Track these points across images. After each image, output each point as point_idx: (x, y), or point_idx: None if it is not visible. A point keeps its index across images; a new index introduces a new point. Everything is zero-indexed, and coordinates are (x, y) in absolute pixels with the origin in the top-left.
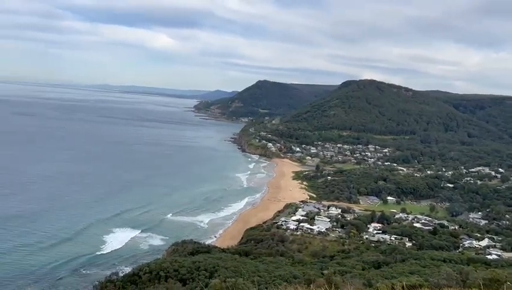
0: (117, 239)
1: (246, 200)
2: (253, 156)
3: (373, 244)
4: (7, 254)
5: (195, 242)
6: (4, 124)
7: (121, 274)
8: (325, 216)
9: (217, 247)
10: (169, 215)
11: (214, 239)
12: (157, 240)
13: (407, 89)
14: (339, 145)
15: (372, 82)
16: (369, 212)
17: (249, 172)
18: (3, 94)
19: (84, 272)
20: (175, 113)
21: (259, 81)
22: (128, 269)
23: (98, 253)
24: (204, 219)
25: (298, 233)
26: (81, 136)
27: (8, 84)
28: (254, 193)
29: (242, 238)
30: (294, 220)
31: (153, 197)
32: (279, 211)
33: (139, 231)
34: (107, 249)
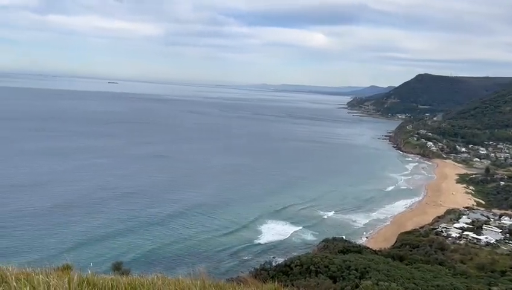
0: (274, 231)
1: (402, 202)
2: (410, 155)
3: None
4: (185, 237)
5: (346, 240)
6: (174, 121)
7: (274, 264)
8: (495, 226)
9: (368, 248)
10: (323, 212)
11: (365, 240)
12: (309, 235)
13: None
14: None
15: None
16: None
17: (406, 172)
18: (176, 94)
19: (243, 258)
20: (328, 111)
21: (419, 75)
22: (280, 260)
23: (256, 242)
24: (356, 218)
25: (461, 242)
26: (241, 133)
27: (180, 86)
28: (411, 195)
29: (396, 241)
30: (457, 228)
31: (312, 193)
32: (438, 217)
33: (295, 225)
34: (264, 239)
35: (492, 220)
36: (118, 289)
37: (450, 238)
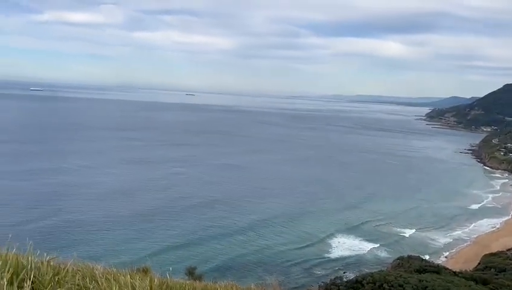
0: (347, 246)
1: (487, 221)
2: (496, 171)
3: None
4: (258, 248)
5: (422, 259)
6: (248, 131)
7: (344, 279)
8: None
9: (447, 268)
10: (399, 229)
11: (445, 260)
12: (383, 252)
13: None
14: None
15: None
16: None
17: (491, 189)
18: (249, 105)
19: (314, 272)
20: (404, 122)
21: (507, 85)
22: (351, 276)
23: (328, 256)
24: (435, 237)
25: None
26: (314, 144)
27: (254, 97)
28: (496, 213)
29: (479, 263)
30: None
31: (389, 209)
32: None
33: (369, 241)
34: (336, 254)
35: None
36: None
37: None
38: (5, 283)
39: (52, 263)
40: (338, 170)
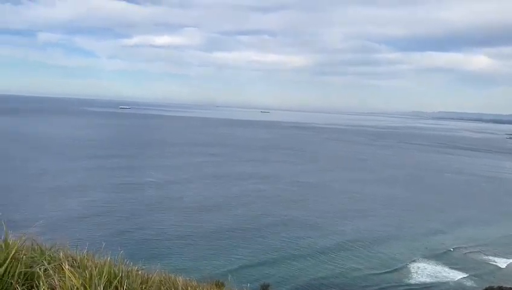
0: (428, 273)
1: None
2: None
3: None
4: (334, 271)
5: None
6: (322, 149)
7: None
8: None
9: None
10: (489, 257)
11: None
12: (471, 282)
13: None
14: None
15: None
16: None
17: None
18: (324, 122)
19: None
20: (493, 140)
21: None
22: None
23: (408, 282)
24: None
25: None
26: (394, 163)
27: (328, 114)
28: None
29: None
30: None
31: (480, 235)
32: None
33: (456, 269)
34: (417, 280)
35: None
36: None
37: None
38: (101, 289)
39: (140, 273)
40: (422, 191)
